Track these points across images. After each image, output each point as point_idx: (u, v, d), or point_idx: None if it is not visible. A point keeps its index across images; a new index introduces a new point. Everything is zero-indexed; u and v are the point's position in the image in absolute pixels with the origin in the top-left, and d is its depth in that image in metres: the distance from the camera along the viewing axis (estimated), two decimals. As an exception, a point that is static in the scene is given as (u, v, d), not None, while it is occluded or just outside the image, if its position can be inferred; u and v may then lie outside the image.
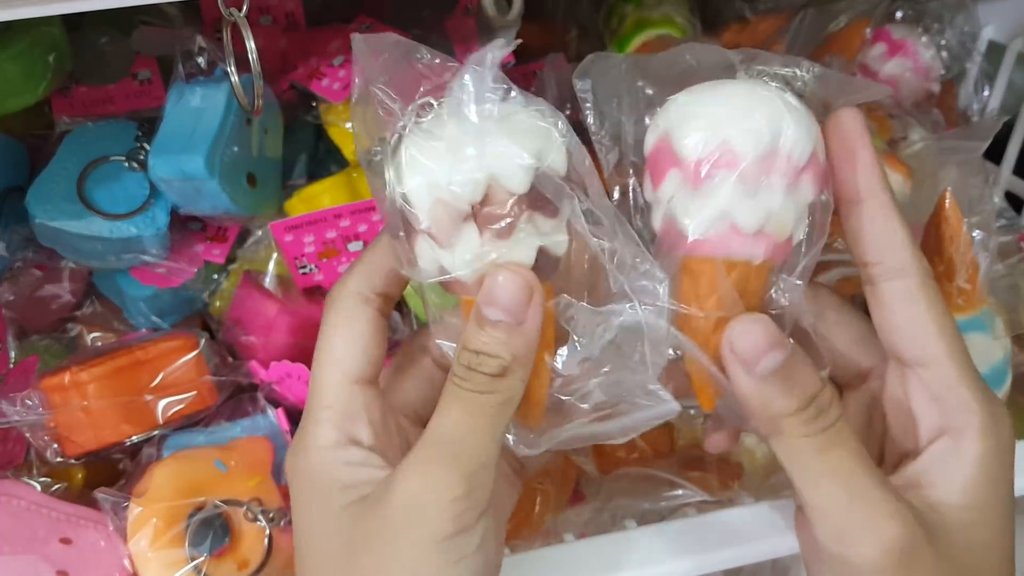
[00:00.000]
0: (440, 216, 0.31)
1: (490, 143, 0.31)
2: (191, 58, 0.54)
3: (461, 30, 0.63)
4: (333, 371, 0.34)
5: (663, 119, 0.34)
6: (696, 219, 0.32)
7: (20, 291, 0.57)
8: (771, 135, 0.32)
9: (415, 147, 0.32)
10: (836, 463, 0.31)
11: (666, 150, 0.33)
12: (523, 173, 0.31)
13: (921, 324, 0.33)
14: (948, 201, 0.52)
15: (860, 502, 0.31)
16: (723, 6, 0.77)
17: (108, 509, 0.45)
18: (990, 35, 0.75)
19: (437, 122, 0.32)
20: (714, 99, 0.33)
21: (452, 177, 0.31)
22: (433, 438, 0.32)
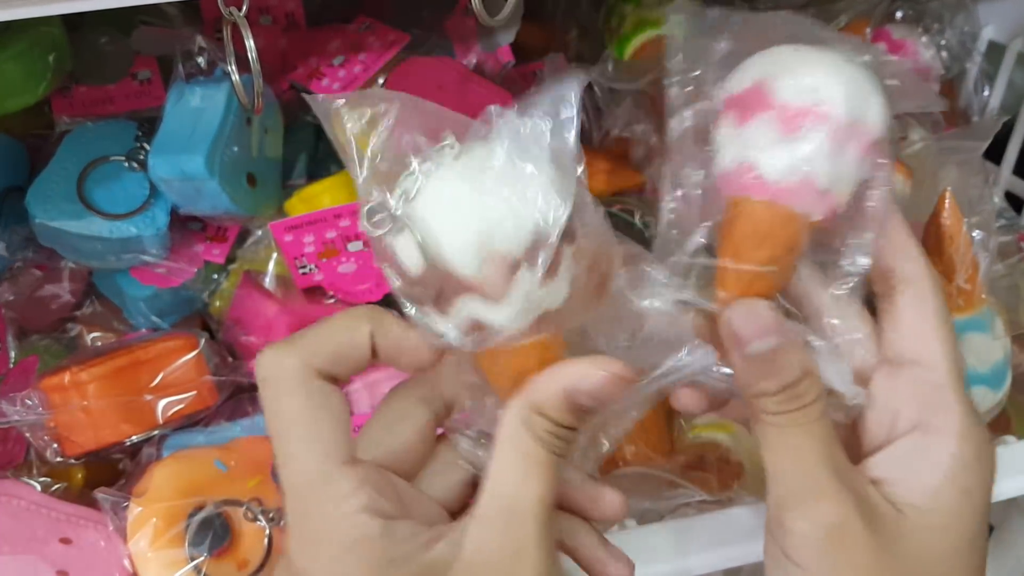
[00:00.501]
0: (493, 271, 0.29)
1: (532, 180, 0.30)
2: (191, 58, 0.54)
3: (461, 30, 0.63)
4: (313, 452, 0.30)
5: (761, 65, 0.34)
6: (779, 162, 0.33)
7: (20, 291, 0.57)
8: (863, 106, 0.33)
9: (437, 193, 0.30)
10: (793, 439, 0.33)
11: (761, 93, 0.34)
12: (561, 208, 0.30)
13: (927, 326, 0.34)
14: (948, 201, 0.52)
15: (802, 476, 0.32)
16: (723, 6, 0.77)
17: (108, 509, 0.45)
18: (990, 35, 0.75)
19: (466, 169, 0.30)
20: (818, 61, 0.34)
21: (493, 227, 0.29)
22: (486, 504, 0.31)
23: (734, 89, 0.35)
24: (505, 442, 0.31)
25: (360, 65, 0.58)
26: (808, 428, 0.33)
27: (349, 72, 0.58)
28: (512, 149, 0.30)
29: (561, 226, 0.30)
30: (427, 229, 0.29)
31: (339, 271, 0.55)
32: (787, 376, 0.32)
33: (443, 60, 0.60)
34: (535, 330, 0.31)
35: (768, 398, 0.32)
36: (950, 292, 0.52)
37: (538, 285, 0.30)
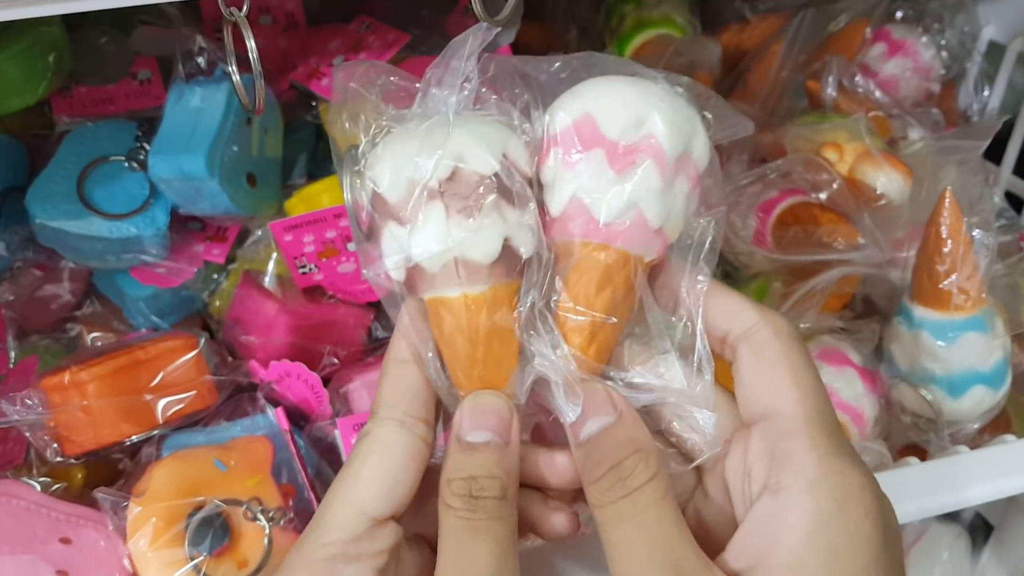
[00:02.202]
0: (407, 193, 0.32)
1: (457, 129, 0.32)
2: (191, 58, 0.54)
3: (461, 30, 0.63)
4: (346, 504, 0.31)
5: (582, 99, 0.33)
6: (611, 204, 0.32)
7: (20, 291, 0.57)
8: (688, 139, 0.33)
9: (387, 138, 0.33)
10: (622, 535, 0.29)
11: (588, 129, 0.32)
12: (488, 155, 0.32)
13: (770, 374, 0.31)
14: (948, 201, 0.52)
15: (657, 569, 0.28)
16: (723, 6, 0.77)
17: (108, 509, 0.45)
18: (990, 35, 0.75)
19: (408, 119, 0.34)
20: (642, 91, 0.33)
21: (419, 155, 0.32)
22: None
23: (558, 126, 0.33)
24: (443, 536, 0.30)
25: (360, 65, 0.58)
26: (638, 520, 0.28)
27: (349, 72, 0.58)
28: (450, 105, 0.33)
29: (481, 172, 0.32)
30: (370, 161, 0.33)
31: (339, 271, 0.55)
32: (613, 456, 0.29)
33: (443, 60, 0.60)
34: (454, 276, 0.32)
35: (591, 486, 0.29)
36: (950, 292, 0.52)
37: (445, 219, 0.31)
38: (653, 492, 0.29)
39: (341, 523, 0.30)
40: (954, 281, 0.52)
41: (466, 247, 0.32)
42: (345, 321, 0.56)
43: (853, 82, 0.69)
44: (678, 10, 0.73)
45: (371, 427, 0.32)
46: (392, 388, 0.33)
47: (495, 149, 0.32)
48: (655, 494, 0.29)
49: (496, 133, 0.33)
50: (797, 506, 0.28)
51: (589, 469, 0.30)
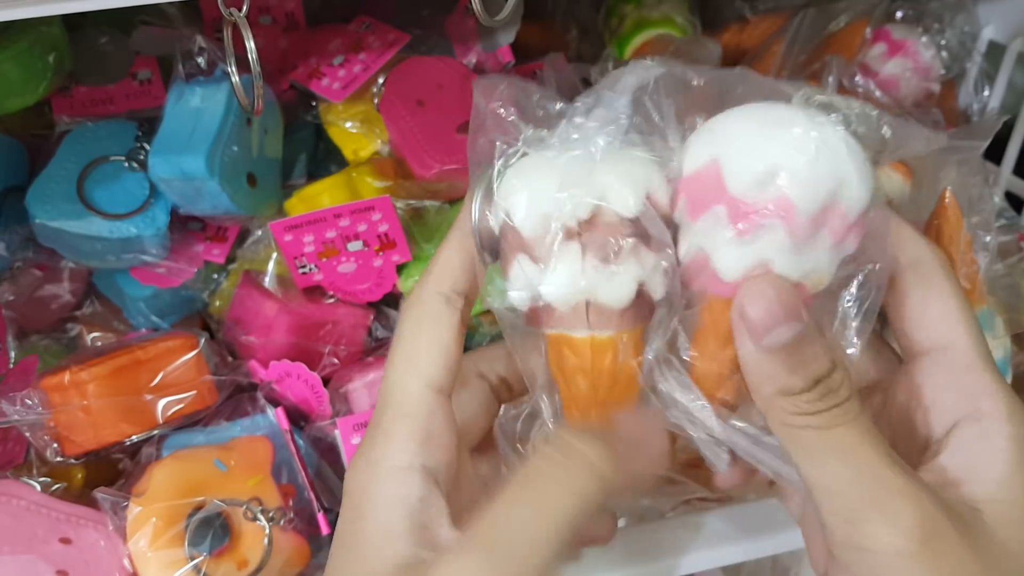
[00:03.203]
0: (542, 229, 0.30)
1: (603, 165, 0.30)
2: (191, 58, 0.54)
3: (461, 30, 0.63)
4: (414, 379, 0.31)
5: (712, 141, 0.31)
6: (734, 264, 0.30)
7: (20, 291, 0.57)
8: (832, 189, 0.29)
9: (522, 165, 0.31)
10: (841, 439, 0.28)
11: (713, 179, 0.30)
12: (632, 196, 0.30)
13: (940, 306, 0.31)
14: (948, 201, 0.52)
15: (870, 480, 0.28)
16: (723, 6, 0.77)
17: (108, 509, 0.45)
18: (990, 35, 0.75)
19: (546, 146, 0.32)
20: (775, 133, 0.29)
21: (560, 192, 0.30)
22: (484, 530, 0.27)
23: (687, 168, 0.31)
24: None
25: (360, 65, 0.58)
26: (854, 425, 0.28)
27: (349, 72, 0.58)
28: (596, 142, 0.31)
29: (624, 215, 0.30)
30: (503, 188, 0.31)
31: (339, 271, 0.55)
32: (817, 368, 0.28)
33: (443, 60, 0.60)
34: (583, 319, 0.30)
35: (796, 397, 0.28)
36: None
37: (581, 261, 0.30)
38: (859, 403, 0.29)
39: (414, 394, 0.31)
40: (954, 281, 0.52)
41: (599, 291, 0.30)
42: (345, 321, 0.56)
43: (853, 82, 0.69)
44: (678, 10, 0.73)
45: (422, 297, 0.32)
46: (447, 260, 0.33)
47: (639, 190, 0.30)
48: (860, 405, 0.29)
49: (642, 171, 0.31)
50: (1000, 434, 0.30)
51: (784, 379, 0.28)
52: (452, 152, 0.55)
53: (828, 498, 0.29)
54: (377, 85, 0.59)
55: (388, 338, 0.58)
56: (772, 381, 0.29)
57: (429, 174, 0.55)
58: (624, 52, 0.72)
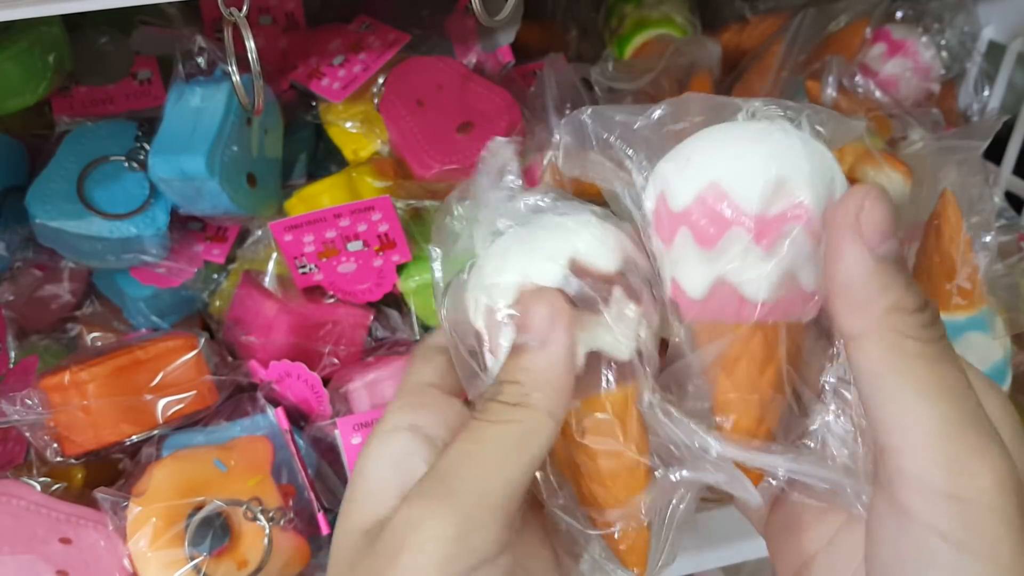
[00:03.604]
0: (485, 322, 0.31)
1: (517, 245, 0.31)
2: (191, 58, 0.54)
3: (461, 30, 0.63)
4: (412, 378, 0.33)
5: (703, 166, 0.29)
6: (764, 283, 0.28)
7: (20, 291, 0.57)
8: (830, 183, 0.29)
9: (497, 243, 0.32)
10: (949, 378, 0.26)
11: (720, 204, 0.28)
12: (550, 267, 0.30)
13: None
14: (948, 201, 0.52)
15: (975, 427, 0.25)
16: (723, 6, 0.77)
17: (108, 509, 0.45)
18: (990, 35, 0.75)
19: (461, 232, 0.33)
20: (769, 145, 0.28)
21: (489, 277, 0.31)
22: (435, 470, 0.28)
23: (681, 199, 0.29)
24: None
25: (360, 65, 0.58)
26: (958, 367, 0.26)
27: (349, 72, 0.58)
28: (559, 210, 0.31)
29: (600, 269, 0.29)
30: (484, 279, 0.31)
31: (339, 271, 0.55)
32: (924, 293, 0.27)
33: (443, 60, 0.60)
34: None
35: (912, 316, 0.26)
36: (950, 292, 0.52)
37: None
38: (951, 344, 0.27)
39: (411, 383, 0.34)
40: (954, 281, 0.52)
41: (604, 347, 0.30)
42: (345, 321, 0.56)
43: (853, 82, 0.69)
44: (678, 10, 0.73)
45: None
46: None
47: (559, 257, 0.30)
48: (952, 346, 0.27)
49: (558, 239, 0.30)
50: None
51: (902, 292, 0.26)
52: (452, 152, 0.55)
53: (927, 440, 0.25)
54: (377, 85, 0.59)
55: (388, 338, 0.58)
56: (887, 294, 0.26)
57: (429, 174, 0.55)
58: (624, 52, 0.72)
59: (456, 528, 0.26)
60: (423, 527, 0.26)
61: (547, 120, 0.60)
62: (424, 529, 0.26)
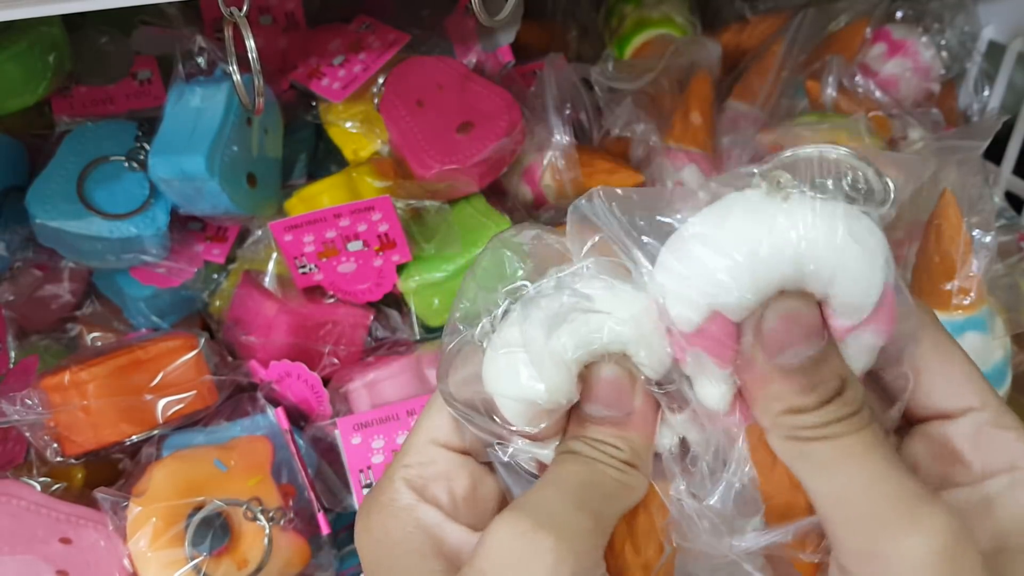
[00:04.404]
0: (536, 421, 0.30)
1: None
2: (191, 58, 0.54)
3: (461, 30, 0.63)
4: (420, 434, 0.32)
5: (699, 290, 0.26)
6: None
7: (20, 291, 0.57)
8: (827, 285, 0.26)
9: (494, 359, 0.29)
10: (853, 446, 0.27)
11: (728, 331, 0.27)
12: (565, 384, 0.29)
13: (950, 372, 0.30)
14: (948, 201, 0.52)
15: (886, 485, 0.26)
16: (723, 6, 0.77)
17: (108, 509, 0.45)
18: (990, 35, 0.75)
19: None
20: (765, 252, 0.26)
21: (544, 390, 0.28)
22: (525, 499, 0.28)
23: (684, 322, 0.27)
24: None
25: (360, 65, 0.58)
26: (869, 432, 0.27)
27: (349, 72, 0.58)
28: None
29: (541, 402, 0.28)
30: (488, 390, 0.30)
31: (339, 271, 0.55)
32: (831, 387, 0.27)
33: (443, 60, 0.60)
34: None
35: (805, 415, 0.27)
36: (950, 292, 0.52)
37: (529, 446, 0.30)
38: (870, 414, 0.27)
39: (415, 446, 0.31)
40: (954, 281, 0.52)
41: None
42: (345, 321, 0.56)
43: (853, 82, 0.69)
44: (678, 10, 0.73)
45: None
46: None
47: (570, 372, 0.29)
48: (871, 416, 0.27)
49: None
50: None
51: (794, 399, 0.27)
52: (452, 152, 0.55)
53: (840, 507, 0.27)
54: (377, 85, 0.59)
55: (388, 338, 0.58)
56: (780, 401, 0.27)
57: (429, 174, 0.55)
58: (624, 52, 0.72)
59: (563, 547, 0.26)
60: (533, 542, 0.26)
61: (547, 120, 0.60)
62: (535, 543, 0.26)
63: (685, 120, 0.65)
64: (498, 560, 0.26)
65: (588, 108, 0.65)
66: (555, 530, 0.26)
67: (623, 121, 0.64)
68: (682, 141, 0.64)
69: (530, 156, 0.61)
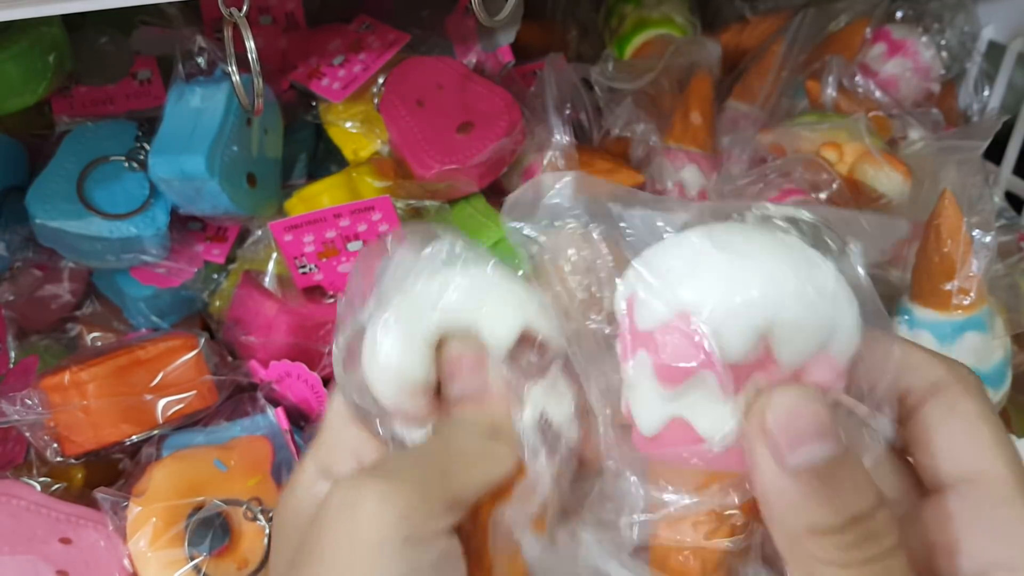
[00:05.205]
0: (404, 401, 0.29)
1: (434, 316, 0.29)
2: (191, 58, 0.54)
3: (461, 30, 0.63)
4: (329, 416, 0.31)
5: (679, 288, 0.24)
6: (726, 430, 0.25)
7: (20, 291, 0.57)
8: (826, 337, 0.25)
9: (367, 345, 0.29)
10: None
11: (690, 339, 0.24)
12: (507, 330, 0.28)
13: (967, 431, 0.26)
14: (948, 201, 0.52)
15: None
16: (723, 6, 0.77)
17: (108, 509, 0.45)
18: (990, 35, 0.75)
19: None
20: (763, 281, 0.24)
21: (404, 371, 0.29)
22: (374, 462, 0.29)
23: (648, 319, 0.25)
24: None
25: (360, 65, 0.58)
26: (887, 567, 0.23)
27: (349, 72, 0.58)
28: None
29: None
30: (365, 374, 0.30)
31: (339, 271, 0.55)
32: (856, 503, 0.23)
33: (443, 60, 0.60)
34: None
35: (824, 537, 0.23)
36: (950, 292, 0.52)
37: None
38: (902, 559, 0.24)
39: (325, 428, 0.31)
40: (954, 281, 0.52)
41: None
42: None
43: (853, 82, 0.69)
44: (678, 10, 0.73)
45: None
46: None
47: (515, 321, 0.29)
48: (901, 558, 0.24)
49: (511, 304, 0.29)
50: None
51: (814, 512, 0.23)
52: (452, 152, 0.55)
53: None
54: (377, 85, 0.59)
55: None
56: (798, 514, 0.23)
57: (429, 174, 0.55)
58: (624, 52, 0.72)
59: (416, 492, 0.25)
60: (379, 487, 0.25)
61: (547, 120, 0.60)
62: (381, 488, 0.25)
63: (685, 120, 0.65)
64: (332, 507, 0.26)
65: (588, 108, 0.65)
66: (387, 477, 0.26)
67: (623, 121, 0.64)
68: (682, 141, 0.64)
69: (530, 156, 0.61)
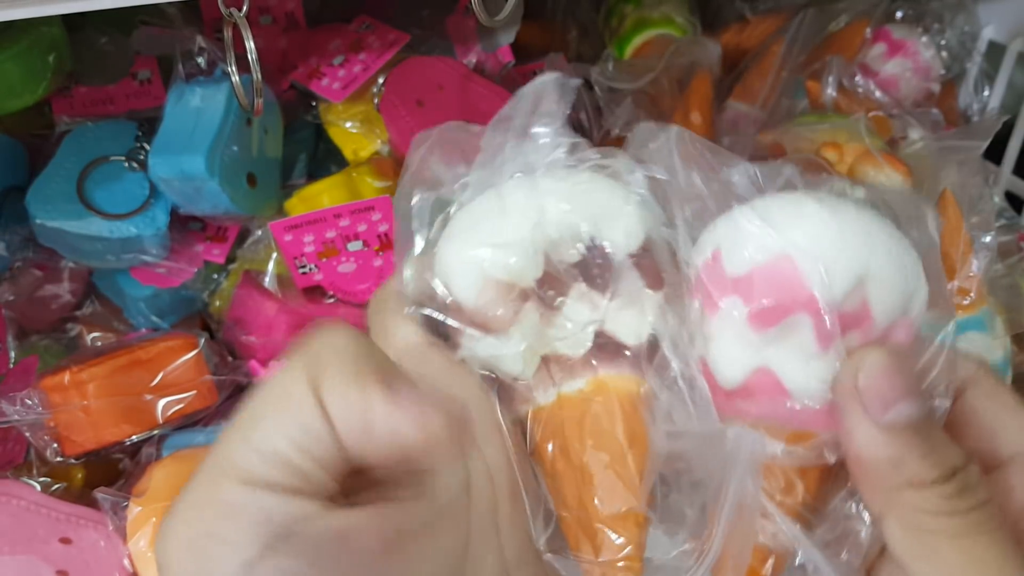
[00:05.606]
0: (492, 300, 0.26)
1: (549, 208, 0.26)
2: (191, 58, 0.54)
3: (461, 30, 0.63)
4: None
5: (781, 232, 0.24)
6: (814, 386, 0.25)
7: (20, 291, 0.57)
8: (909, 297, 0.25)
9: (457, 221, 0.27)
10: (984, 554, 0.23)
11: (790, 282, 0.24)
12: (572, 245, 0.27)
13: (1015, 416, 0.28)
14: (948, 201, 0.52)
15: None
16: (723, 6, 0.77)
17: (108, 509, 0.45)
18: (990, 35, 0.75)
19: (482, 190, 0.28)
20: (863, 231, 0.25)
21: (507, 253, 0.26)
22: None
23: (738, 263, 0.25)
24: None
25: (360, 65, 0.58)
26: (999, 536, 0.24)
27: (349, 72, 0.58)
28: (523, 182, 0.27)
29: (565, 261, 0.26)
30: (438, 263, 0.28)
31: (339, 271, 0.55)
32: (952, 457, 0.24)
33: (443, 60, 0.60)
34: (548, 375, 0.27)
35: (928, 490, 0.23)
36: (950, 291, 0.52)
37: (538, 318, 0.27)
38: (998, 509, 0.24)
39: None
40: (954, 281, 0.52)
41: (558, 343, 0.27)
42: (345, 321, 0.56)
43: (853, 82, 0.69)
44: (678, 10, 0.73)
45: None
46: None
47: (586, 228, 0.27)
48: (996, 509, 0.24)
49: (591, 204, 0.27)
50: None
51: (916, 465, 0.23)
52: (452, 152, 0.55)
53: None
54: (377, 85, 0.59)
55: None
56: (900, 469, 0.24)
57: (429, 174, 0.55)
58: (624, 52, 0.72)
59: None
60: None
61: (547, 120, 0.60)
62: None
63: (685, 120, 0.65)
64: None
65: (588, 108, 0.65)
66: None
67: (623, 121, 0.64)
68: (682, 141, 0.64)
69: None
